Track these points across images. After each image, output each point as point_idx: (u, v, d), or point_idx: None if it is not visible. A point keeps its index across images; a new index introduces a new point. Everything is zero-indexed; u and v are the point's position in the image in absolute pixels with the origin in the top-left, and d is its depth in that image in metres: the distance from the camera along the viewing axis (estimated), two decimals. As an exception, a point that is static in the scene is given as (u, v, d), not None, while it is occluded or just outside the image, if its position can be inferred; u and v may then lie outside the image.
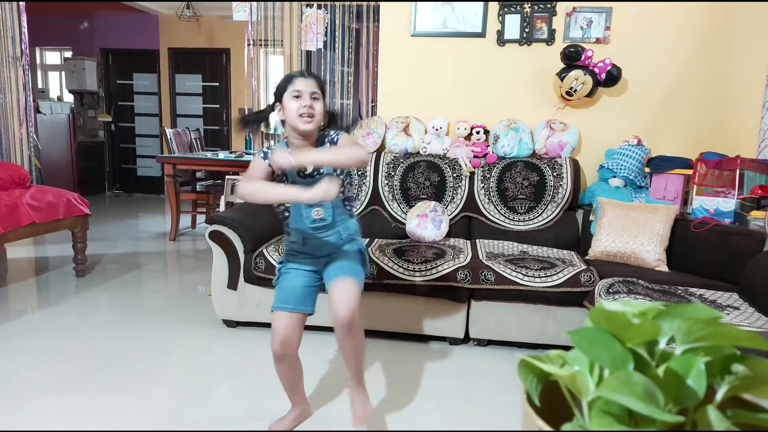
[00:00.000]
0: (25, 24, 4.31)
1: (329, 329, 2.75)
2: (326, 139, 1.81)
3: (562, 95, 3.25)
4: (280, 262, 1.90)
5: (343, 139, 1.79)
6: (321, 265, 1.85)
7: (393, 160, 3.32)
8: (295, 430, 1.96)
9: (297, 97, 1.72)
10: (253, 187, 1.69)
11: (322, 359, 2.51)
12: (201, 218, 5.53)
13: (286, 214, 1.84)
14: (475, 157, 3.26)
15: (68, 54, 7.75)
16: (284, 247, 1.94)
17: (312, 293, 1.86)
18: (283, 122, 1.81)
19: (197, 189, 5.39)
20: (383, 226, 3.22)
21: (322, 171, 1.78)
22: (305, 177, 1.77)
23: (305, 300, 1.83)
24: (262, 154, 1.79)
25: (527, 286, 2.53)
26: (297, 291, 1.82)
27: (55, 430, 1.89)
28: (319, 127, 1.80)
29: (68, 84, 7.55)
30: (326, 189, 1.53)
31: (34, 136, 4.56)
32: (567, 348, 0.60)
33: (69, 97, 7.73)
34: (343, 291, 1.73)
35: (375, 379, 2.34)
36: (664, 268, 2.65)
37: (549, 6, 3.30)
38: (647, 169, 3.14)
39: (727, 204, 2.75)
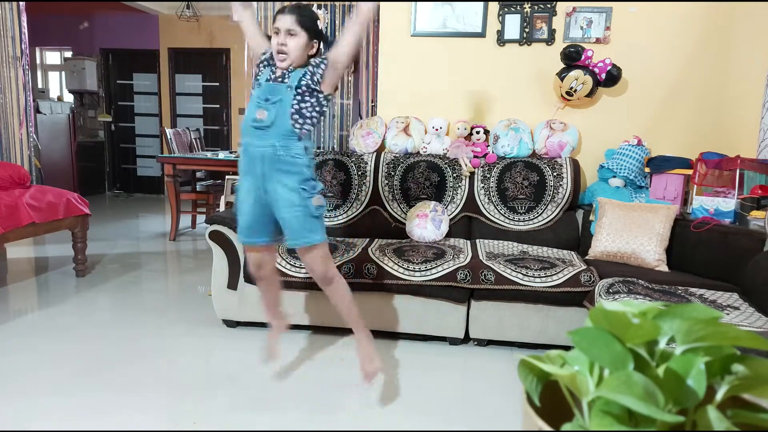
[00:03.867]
0: (25, 24, 4.31)
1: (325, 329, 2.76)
2: (310, 67, 1.88)
3: (562, 95, 3.25)
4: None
5: (332, 52, 1.86)
6: (261, 188, 1.88)
7: (393, 160, 3.31)
8: (292, 429, 1.96)
9: (276, 33, 1.82)
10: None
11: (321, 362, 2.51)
12: (201, 218, 5.53)
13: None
14: (475, 157, 3.25)
15: (68, 54, 7.75)
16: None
17: (264, 223, 1.92)
18: None
19: (197, 189, 5.38)
20: (383, 226, 3.22)
21: (286, 80, 1.86)
22: (274, 80, 1.87)
23: (259, 230, 1.93)
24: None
25: (527, 286, 2.53)
26: (248, 221, 1.92)
27: (55, 430, 1.89)
28: (304, 58, 1.87)
29: (68, 84, 7.55)
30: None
31: (34, 136, 4.55)
32: (567, 348, 0.60)
33: (69, 97, 7.73)
34: (307, 260, 1.93)
35: (375, 379, 2.33)
36: (664, 268, 2.65)
37: (549, 6, 3.30)
38: (647, 169, 3.14)
39: (727, 204, 2.75)
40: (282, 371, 2.37)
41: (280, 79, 1.87)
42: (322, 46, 1.92)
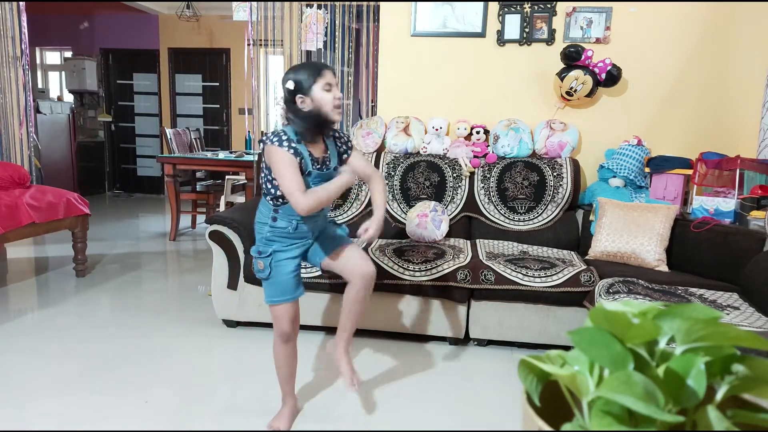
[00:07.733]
0: (25, 24, 4.31)
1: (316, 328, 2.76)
2: (337, 142, 1.95)
3: (562, 95, 3.25)
4: (266, 254, 1.86)
5: (357, 159, 1.97)
6: (307, 246, 1.96)
7: (393, 160, 3.31)
8: (294, 429, 1.96)
9: (328, 90, 1.79)
10: (319, 197, 1.75)
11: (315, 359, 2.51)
12: (201, 218, 5.53)
13: (281, 201, 1.84)
14: (475, 157, 3.25)
15: (68, 54, 7.74)
16: (266, 235, 1.87)
17: (300, 277, 1.95)
18: (289, 118, 1.81)
19: (197, 189, 5.38)
20: (383, 226, 3.22)
21: (330, 162, 1.90)
22: (320, 168, 1.86)
23: (298, 285, 1.93)
24: (285, 148, 1.75)
25: (527, 286, 2.53)
26: (291, 280, 1.90)
27: (55, 430, 1.89)
28: None
29: (68, 84, 7.55)
30: (350, 174, 1.85)
31: (34, 136, 4.56)
32: (567, 348, 0.60)
33: (69, 97, 7.72)
34: (356, 253, 1.94)
35: (375, 379, 2.34)
36: (664, 268, 2.65)
37: (549, 6, 3.30)
38: (647, 169, 3.14)
39: (727, 204, 2.75)
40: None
41: (326, 166, 1.87)
42: None
